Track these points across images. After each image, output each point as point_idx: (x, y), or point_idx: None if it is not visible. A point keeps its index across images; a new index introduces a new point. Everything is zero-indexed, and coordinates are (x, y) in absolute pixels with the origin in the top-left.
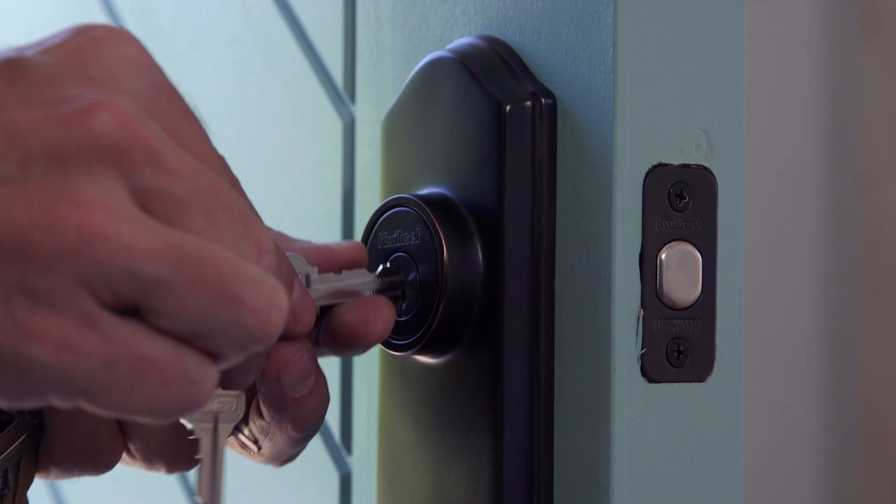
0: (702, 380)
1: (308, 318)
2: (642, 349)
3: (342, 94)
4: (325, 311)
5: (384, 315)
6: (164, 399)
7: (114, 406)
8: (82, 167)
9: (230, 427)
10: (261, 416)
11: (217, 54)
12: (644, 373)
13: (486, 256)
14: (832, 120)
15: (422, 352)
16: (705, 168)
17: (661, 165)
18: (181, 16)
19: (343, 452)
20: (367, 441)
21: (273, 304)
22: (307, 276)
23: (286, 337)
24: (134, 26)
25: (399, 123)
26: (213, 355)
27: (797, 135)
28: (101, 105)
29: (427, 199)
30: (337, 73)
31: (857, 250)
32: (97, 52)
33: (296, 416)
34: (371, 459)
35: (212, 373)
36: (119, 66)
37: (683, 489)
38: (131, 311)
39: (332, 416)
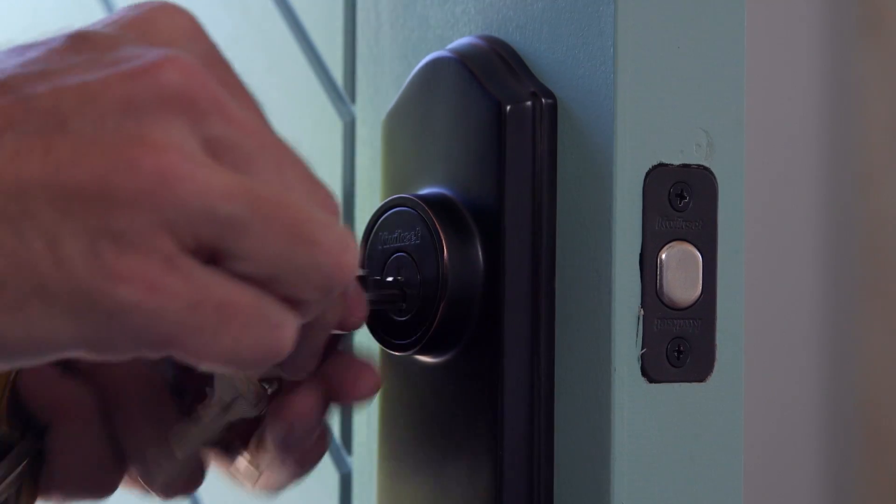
0: (702, 380)
1: (361, 313)
2: (642, 349)
3: (342, 94)
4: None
5: (372, 379)
6: (249, 343)
7: (201, 351)
8: (154, 116)
9: (240, 412)
10: (265, 449)
11: None
12: (644, 373)
13: (486, 256)
14: (832, 120)
15: (422, 352)
16: (705, 168)
17: (661, 165)
18: None
19: (343, 452)
20: (367, 441)
21: (347, 247)
22: (362, 277)
23: (342, 326)
24: None
25: (399, 123)
26: (291, 302)
27: (797, 135)
28: (166, 59)
29: (427, 199)
30: (337, 73)
31: (857, 250)
32: (154, 21)
33: (300, 458)
34: (371, 459)
35: (292, 319)
36: (176, 33)
37: (683, 489)
38: (210, 260)
39: (332, 416)
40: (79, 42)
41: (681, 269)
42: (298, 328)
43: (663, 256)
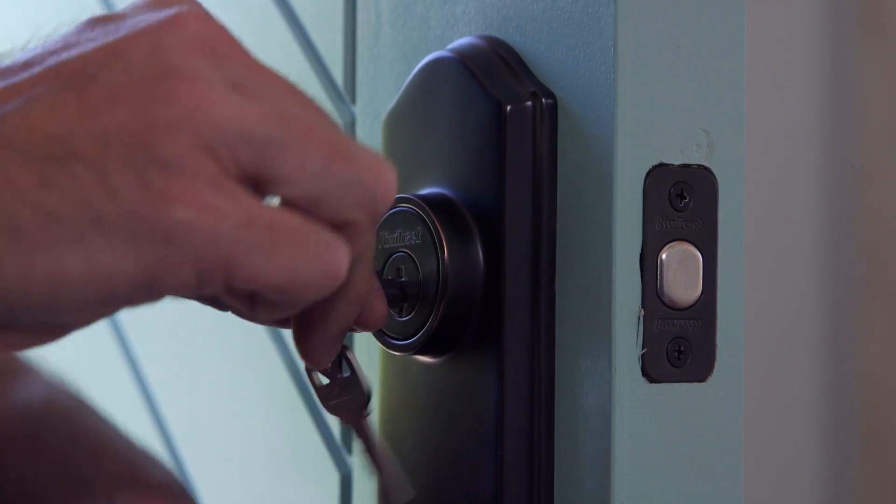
0: (702, 380)
1: (382, 312)
2: (643, 349)
3: (342, 94)
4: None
5: None
6: (305, 262)
7: (259, 272)
8: (178, 57)
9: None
10: None
11: None
12: (644, 373)
13: (486, 256)
14: (832, 119)
15: (422, 352)
16: (706, 168)
17: (661, 165)
18: None
19: (343, 452)
20: None
21: (384, 167)
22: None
23: (365, 323)
24: None
25: (399, 123)
26: (337, 228)
27: (797, 135)
28: (183, 12)
29: (428, 199)
30: (337, 73)
31: (857, 250)
32: (163, 4)
33: None
34: None
35: (342, 242)
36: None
37: (683, 489)
38: (254, 192)
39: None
40: (94, 22)
41: (681, 269)
42: (350, 254)
43: (664, 256)
